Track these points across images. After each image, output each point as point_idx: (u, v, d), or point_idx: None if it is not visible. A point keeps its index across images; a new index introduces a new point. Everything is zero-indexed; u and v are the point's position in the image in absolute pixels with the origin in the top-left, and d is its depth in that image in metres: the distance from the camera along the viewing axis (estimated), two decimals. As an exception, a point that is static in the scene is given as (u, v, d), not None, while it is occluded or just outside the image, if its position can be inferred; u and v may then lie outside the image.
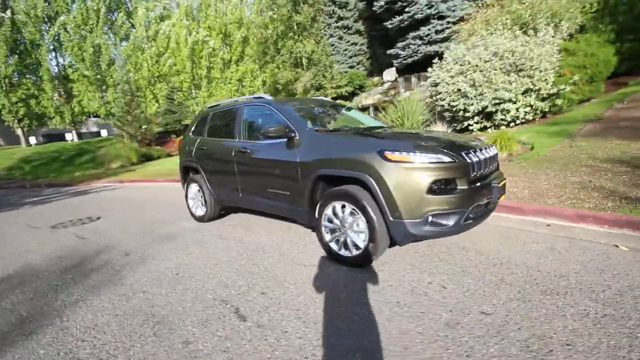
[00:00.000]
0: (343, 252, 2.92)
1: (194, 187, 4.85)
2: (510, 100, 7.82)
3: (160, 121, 20.29)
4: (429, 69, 9.69)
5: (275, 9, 19.99)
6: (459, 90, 8.44)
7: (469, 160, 2.56)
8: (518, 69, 7.65)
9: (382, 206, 2.56)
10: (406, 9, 16.37)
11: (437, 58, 9.89)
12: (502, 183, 2.85)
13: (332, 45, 20.52)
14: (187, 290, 2.75)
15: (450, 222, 2.50)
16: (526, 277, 2.48)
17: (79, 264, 3.61)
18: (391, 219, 2.55)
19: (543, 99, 7.77)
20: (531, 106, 7.80)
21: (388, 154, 2.55)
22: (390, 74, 17.27)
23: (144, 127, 17.88)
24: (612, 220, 3.26)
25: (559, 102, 7.67)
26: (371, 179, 2.58)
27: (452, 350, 1.79)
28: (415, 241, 3.12)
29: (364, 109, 16.65)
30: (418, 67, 17.19)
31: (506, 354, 1.74)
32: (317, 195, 3.12)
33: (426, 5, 15.78)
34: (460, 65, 8.62)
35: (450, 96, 8.67)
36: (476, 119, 8.45)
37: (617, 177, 4.09)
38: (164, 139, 20.41)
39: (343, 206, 2.86)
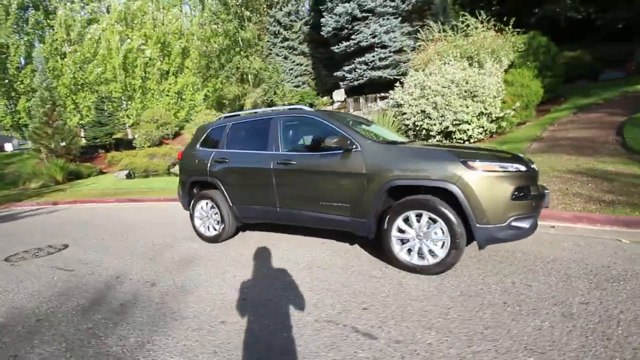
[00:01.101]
0: (417, 261, 2.98)
1: (204, 205, 4.40)
2: (466, 122, 8.90)
3: (86, 134, 17.73)
4: (391, 91, 10.53)
5: (220, 23, 19.54)
6: (423, 111, 9.31)
7: (536, 169, 2.90)
8: (472, 95, 8.80)
9: (468, 213, 2.72)
10: (352, 37, 17.55)
11: (395, 82, 10.76)
12: (547, 192, 3.27)
13: (271, 64, 20.81)
14: (275, 315, 2.49)
15: (526, 225, 2.77)
16: (583, 270, 2.85)
17: (98, 300, 2.98)
18: (477, 224, 2.72)
19: (492, 121, 9.04)
20: (483, 127, 9.00)
21: (472, 164, 2.74)
22: (339, 95, 18.11)
23: (66, 140, 15.37)
24: (603, 220, 3.95)
25: (504, 124, 9.00)
26: (457, 188, 2.74)
27: (592, 338, 1.98)
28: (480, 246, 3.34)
29: (317, 127, 17.09)
30: (364, 89, 18.43)
31: (630, 331, 1.99)
32: (381, 205, 3.14)
33: (371, 35, 17.13)
34: (422, 89, 9.55)
35: (415, 117, 9.50)
36: (438, 137, 9.38)
37: (585, 185, 4.97)
38: (91, 154, 17.81)
39: (418, 215, 2.94)
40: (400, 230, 3.04)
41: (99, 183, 12.44)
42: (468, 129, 8.88)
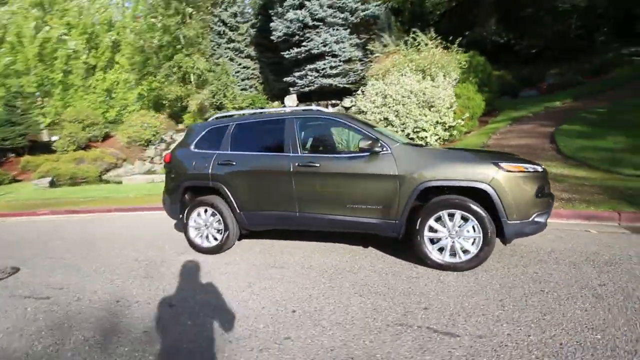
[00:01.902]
0: (449, 259, 3.12)
1: (202, 213, 4.00)
2: (424, 130, 9.63)
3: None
4: (353, 98, 10.88)
5: (160, 17, 18.04)
6: (386, 118, 9.81)
7: (546, 170, 3.27)
8: (430, 105, 9.56)
9: (500, 211, 2.95)
10: (303, 43, 17.72)
11: (345, 90, 11.17)
12: None
13: (219, 65, 19.99)
14: (338, 323, 2.37)
15: (544, 220, 3.10)
16: (580, 257, 3.27)
17: (110, 330, 2.49)
18: (508, 221, 2.96)
19: (445, 130, 9.91)
20: (438, 135, 9.82)
21: (503, 165, 2.98)
22: (291, 100, 18.06)
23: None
24: (568, 214, 4.61)
25: (455, 132, 9.94)
26: (491, 187, 2.95)
27: (630, 313, 2.29)
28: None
29: (270, 132, 16.76)
30: (312, 95, 18.66)
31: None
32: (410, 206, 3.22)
33: (322, 43, 17.50)
34: (384, 97, 10.07)
35: (378, 123, 9.95)
36: (399, 143, 9.96)
37: (543, 186, 5.74)
38: (-1, 159, 14.76)
39: (451, 214, 3.08)
40: (432, 230, 3.15)
41: (16, 192, 10.38)
42: (426, 136, 9.60)
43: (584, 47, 16.19)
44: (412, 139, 9.87)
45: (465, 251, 3.09)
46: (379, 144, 3.26)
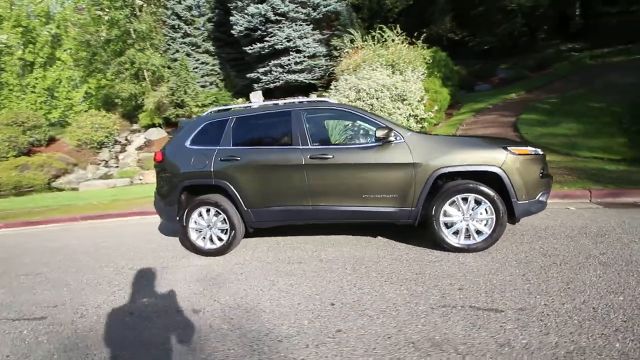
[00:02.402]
0: (464, 241, 3.26)
1: (204, 213, 3.78)
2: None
3: None
4: (312, 94, 10.88)
5: (107, 10, 16.60)
6: (361, 112, 9.95)
7: (544, 153, 3.52)
8: (402, 98, 9.87)
9: (511, 192, 3.13)
10: (266, 39, 17.39)
11: (311, 86, 11.20)
12: None
13: (176, 60, 19.00)
14: (382, 311, 2.37)
15: (546, 199, 3.35)
16: (573, 231, 3.58)
17: (139, 346, 2.25)
18: (518, 201, 3.15)
19: (417, 122, 10.30)
20: (411, 127, 10.18)
21: (512, 149, 3.16)
22: (257, 97, 17.65)
23: None
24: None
25: (425, 124, 10.37)
26: (502, 171, 3.11)
27: (637, 277, 2.55)
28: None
29: (237, 130, 16.26)
30: (274, 92, 18.36)
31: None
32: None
33: (286, 38, 17.32)
34: (357, 92, 10.20)
35: (353, 117, 10.08)
36: (374, 137, 10.18)
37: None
38: None
39: (464, 198, 3.21)
40: (447, 214, 3.27)
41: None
42: (400, 129, 9.92)
43: (528, 44, 17.68)
44: (386, 132, 10.15)
45: (479, 232, 3.24)
46: (394, 133, 3.30)
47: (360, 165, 3.38)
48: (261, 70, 18.11)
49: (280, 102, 4.02)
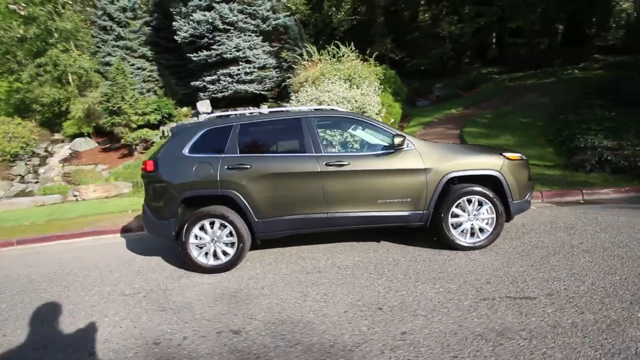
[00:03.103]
0: (470, 240, 3.54)
1: (207, 226, 3.49)
2: (358, 134, 10.37)
3: None
4: (263, 105, 10.88)
5: (24, 5, 14.43)
6: (324, 124, 10.17)
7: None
8: (362, 111, 10.35)
9: (508, 193, 3.51)
10: (213, 47, 16.88)
11: (261, 97, 11.26)
12: None
13: (109, 64, 17.34)
14: (438, 310, 2.45)
15: (530, 199, 3.82)
16: (567, 225, 4.09)
17: None
18: (513, 201, 3.54)
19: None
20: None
21: (507, 155, 3.56)
22: (204, 106, 16.84)
23: None
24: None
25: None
26: (501, 174, 3.48)
27: (617, 256, 3.05)
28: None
29: (184, 141, 15.24)
30: (219, 102, 17.73)
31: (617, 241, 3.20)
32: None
33: (235, 48, 17.02)
34: (318, 104, 10.42)
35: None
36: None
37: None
38: None
39: (469, 200, 3.51)
40: (455, 215, 3.53)
41: None
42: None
43: (455, 66, 19.97)
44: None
45: (482, 231, 3.55)
46: (406, 141, 3.48)
47: (377, 172, 3.49)
48: (208, 78, 17.41)
49: (286, 108, 3.96)
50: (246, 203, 3.45)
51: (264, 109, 3.79)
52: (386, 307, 2.55)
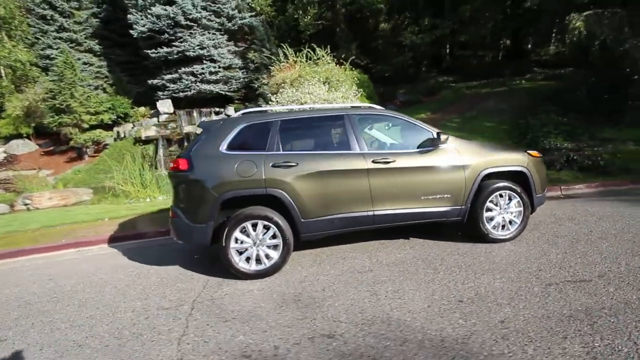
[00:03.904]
0: (501, 232, 3.77)
1: (249, 229, 3.26)
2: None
3: None
4: (228, 106, 10.62)
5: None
6: (307, 125, 10.11)
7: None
8: (343, 113, 10.48)
9: (532, 187, 3.79)
10: (174, 43, 15.93)
11: (228, 98, 11.03)
12: None
13: (49, 57, 15.51)
14: (515, 299, 2.56)
15: (545, 193, 4.16)
16: (553, 218, 4.54)
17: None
18: (536, 195, 3.84)
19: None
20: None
21: (530, 152, 3.85)
22: (166, 106, 15.76)
23: None
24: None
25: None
26: (527, 170, 3.76)
27: (628, 240, 3.46)
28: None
29: (146, 142, 14.09)
30: (180, 102, 16.71)
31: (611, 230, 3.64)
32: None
33: (198, 46, 16.25)
34: (301, 104, 10.35)
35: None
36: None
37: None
38: None
39: (501, 195, 3.73)
40: (488, 210, 3.72)
41: None
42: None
43: (415, 74, 21.15)
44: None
45: (511, 223, 3.80)
46: (447, 138, 3.60)
47: (420, 169, 3.55)
48: (168, 77, 16.33)
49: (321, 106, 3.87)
50: (293, 202, 3.29)
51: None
52: (465, 299, 2.60)
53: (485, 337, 2.12)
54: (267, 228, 3.30)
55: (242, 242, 3.27)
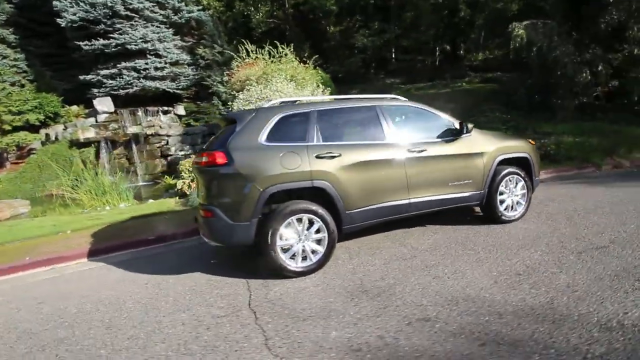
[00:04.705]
0: (511, 213, 4.14)
1: (294, 224, 3.10)
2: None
3: None
4: (177, 105, 10.14)
5: None
6: (279, 123, 9.90)
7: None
8: (313, 111, 10.48)
9: (532, 172, 4.24)
10: (113, 35, 14.37)
11: (176, 96, 10.58)
12: None
13: None
14: (568, 271, 2.83)
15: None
16: (546, 198, 5.13)
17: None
18: (536, 178, 4.30)
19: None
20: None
21: (530, 140, 4.29)
22: (105, 104, 14.07)
23: None
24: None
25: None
26: (530, 156, 4.18)
27: (617, 213, 4.08)
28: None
29: (85, 144, 12.40)
30: (116, 100, 15.13)
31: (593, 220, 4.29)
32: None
33: (141, 39, 14.91)
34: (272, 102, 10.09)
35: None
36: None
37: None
38: None
39: (510, 180, 4.10)
40: (501, 193, 4.06)
41: None
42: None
43: (364, 75, 22.02)
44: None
45: (519, 205, 4.19)
46: (469, 127, 3.84)
47: (448, 157, 3.74)
48: (105, 72, 14.65)
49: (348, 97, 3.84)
50: (338, 194, 3.21)
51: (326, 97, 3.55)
52: (521, 272, 2.81)
53: (564, 300, 2.32)
54: (311, 222, 3.16)
55: (286, 239, 3.09)
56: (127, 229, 5.40)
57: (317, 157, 3.17)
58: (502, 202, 4.09)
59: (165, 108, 15.60)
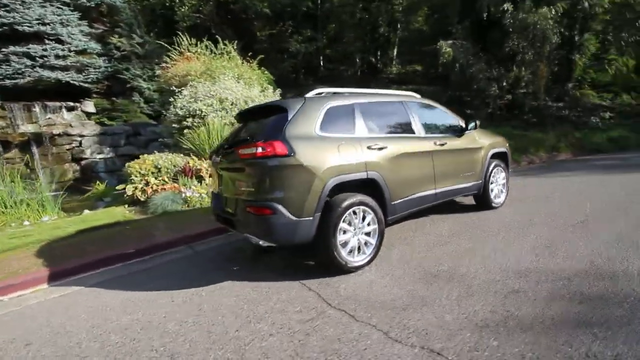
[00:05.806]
0: (498, 200, 4.74)
1: (351, 217, 2.98)
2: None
3: None
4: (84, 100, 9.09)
5: None
6: (232, 123, 9.29)
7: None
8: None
9: (508, 164, 4.94)
10: (-4, 11, 11.53)
11: (85, 90, 9.61)
12: None
13: None
14: (583, 234, 3.38)
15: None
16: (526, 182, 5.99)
17: None
18: (510, 170, 5.02)
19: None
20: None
21: (503, 137, 4.99)
22: (-13, 96, 11.03)
23: None
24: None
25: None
26: (507, 150, 4.88)
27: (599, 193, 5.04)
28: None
29: (-40, 147, 9.50)
30: (6, 92, 12.35)
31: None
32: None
33: (37, 20, 12.41)
34: (220, 102, 9.44)
35: (223, 127, 9.23)
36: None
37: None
38: None
39: (497, 171, 4.69)
40: (491, 183, 4.62)
41: None
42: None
43: (296, 81, 22.26)
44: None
45: (502, 192, 4.83)
46: (475, 124, 4.27)
47: (461, 150, 4.09)
48: (-17, 56, 11.57)
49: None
50: (387, 185, 3.21)
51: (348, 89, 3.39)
52: (550, 246, 3.23)
53: (599, 261, 2.81)
54: (364, 215, 3.09)
55: (345, 233, 2.95)
56: (83, 245, 4.37)
57: (369, 147, 3.13)
58: (491, 190, 4.66)
59: (71, 104, 13.15)
